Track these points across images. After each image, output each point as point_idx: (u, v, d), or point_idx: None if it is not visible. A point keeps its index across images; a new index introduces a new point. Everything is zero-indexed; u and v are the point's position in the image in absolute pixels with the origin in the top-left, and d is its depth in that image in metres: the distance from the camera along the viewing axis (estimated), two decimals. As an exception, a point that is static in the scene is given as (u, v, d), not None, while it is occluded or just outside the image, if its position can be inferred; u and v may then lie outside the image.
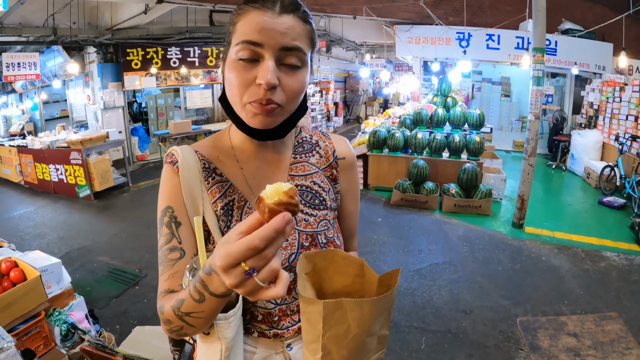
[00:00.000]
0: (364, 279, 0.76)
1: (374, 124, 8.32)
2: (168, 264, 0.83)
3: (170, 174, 0.88)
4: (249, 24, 0.75)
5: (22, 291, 2.26)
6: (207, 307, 0.68)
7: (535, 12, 4.72)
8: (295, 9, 0.78)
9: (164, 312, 0.76)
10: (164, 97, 10.66)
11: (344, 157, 1.03)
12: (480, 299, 3.62)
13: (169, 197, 0.87)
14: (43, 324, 2.35)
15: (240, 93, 0.77)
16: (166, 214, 0.86)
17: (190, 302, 0.68)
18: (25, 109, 12.27)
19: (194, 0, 6.56)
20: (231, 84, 0.78)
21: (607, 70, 8.77)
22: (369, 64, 12.34)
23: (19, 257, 2.54)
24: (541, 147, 9.27)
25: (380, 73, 13.34)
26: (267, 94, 0.74)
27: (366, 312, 0.67)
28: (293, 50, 0.76)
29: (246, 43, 0.74)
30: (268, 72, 0.73)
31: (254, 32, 0.74)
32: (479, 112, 6.69)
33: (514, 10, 8.63)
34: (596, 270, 4.16)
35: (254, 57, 0.75)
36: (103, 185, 6.95)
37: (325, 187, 0.97)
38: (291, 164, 0.96)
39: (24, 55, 7.53)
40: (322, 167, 0.99)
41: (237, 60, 0.76)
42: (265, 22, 0.74)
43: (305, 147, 1.00)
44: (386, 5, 8.38)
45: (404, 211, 5.87)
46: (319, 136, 1.04)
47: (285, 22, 0.75)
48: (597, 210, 6.03)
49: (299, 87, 0.79)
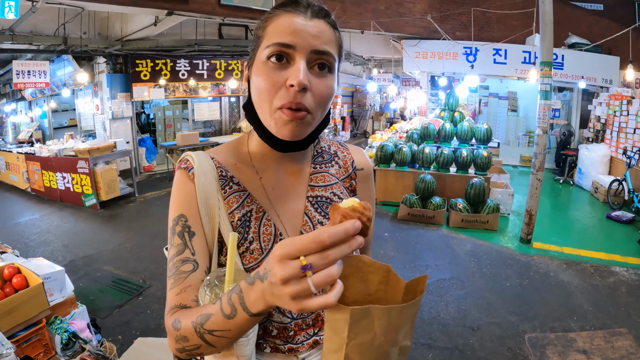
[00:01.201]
0: (388, 286, 0.73)
1: (381, 138, 8.31)
2: (180, 277, 0.78)
3: (184, 180, 0.84)
4: (280, 26, 0.75)
5: (24, 298, 2.23)
6: (236, 326, 0.63)
7: (543, 26, 4.72)
8: (326, 15, 0.78)
9: (181, 329, 0.70)
10: (172, 109, 10.75)
11: (362, 168, 1.01)
12: (487, 315, 3.55)
13: (183, 205, 0.82)
14: (44, 332, 2.32)
15: (269, 96, 0.74)
16: (179, 222, 0.81)
17: (218, 318, 0.63)
18: (34, 116, 12.45)
19: (204, 14, 6.64)
20: (259, 88, 0.76)
21: (614, 83, 8.75)
22: (377, 79, 12.39)
23: (22, 263, 2.52)
24: (549, 162, 9.21)
25: (388, 88, 13.39)
26: (297, 96, 0.72)
27: (394, 319, 0.63)
28: (324, 54, 0.75)
29: (278, 45, 0.73)
30: (300, 73, 0.71)
31: (286, 34, 0.73)
32: (486, 127, 6.67)
33: (520, 25, 8.66)
34: (605, 285, 4.08)
35: (285, 59, 0.74)
36: (109, 195, 6.97)
37: (344, 198, 0.94)
38: (311, 174, 0.94)
39: (34, 64, 7.63)
40: (341, 177, 0.97)
41: (267, 62, 0.75)
42: (297, 24, 0.74)
43: (325, 157, 0.98)
44: (394, 20, 8.45)
45: (411, 226, 5.82)
46: (337, 146, 1.02)
47: (317, 26, 0.75)
48: (605, 225, 5.96)
49: (328, 92, 0.77)
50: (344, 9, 8.02)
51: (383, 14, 8.33)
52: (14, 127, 13.55)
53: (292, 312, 0.85)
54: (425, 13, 8.58)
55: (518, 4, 8.48)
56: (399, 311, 0.63)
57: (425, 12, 8.60)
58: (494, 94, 13.44)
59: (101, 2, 5.61)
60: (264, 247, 0.84)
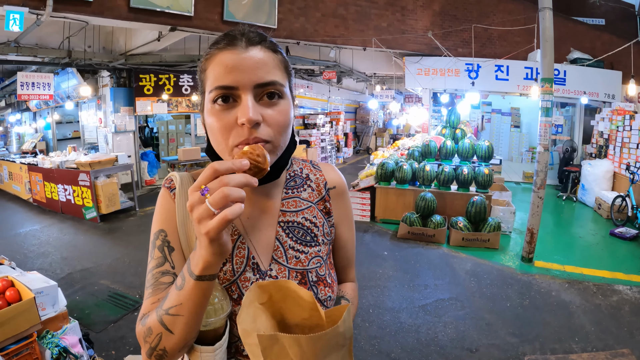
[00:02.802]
0: (319, 312, 0.72)
1: (383, 155, 8.32)
2: (158, 288, 0.80)
3: (166, 198, 0.88)
4: (218, 67, 0.74)
5: (16, 312, 2.23)
6: (186, 297, 0.66)
7: (543, 42, 4.73)
8: (261, 40, 0.77)
9: (147, 322, 0.73)
10: (175, 123, 10.83)
11: (334, 187, 1.01)
12: (487, 337, 3.49)
13: (163, 221, 0.85)
14: (34, 346, 2.30)
15: (224, 137, 0.74)
16: (159, 237, 0.84)
17: (172, 295, 0.68)
18: (39, 127, 12.57)
19: (207, 29, 6.72)
20: (213, 131, 0.76)
21: (616, 98, 8.77)
22: (379, 95, 12.46)
23: (16, 276, 2.51)
24: (551, 178, 9.18)
25: (390, 104, 13.48)
26: (252, 132, 0.72)
27: (306, 349, 0.62)
28: (269, 84, 0.75)
29: (220, 89, 0.73)
30: (249, 110, 0.71)
31: (225, 75, 0.73)
32: (487, 144, 6.65)
33: (522, 41, 8.72)
34: (608, 304, 4.01)
35: (232, 99, 0.74)
36: (110, 208, 6.97)
37: (318, 222, 0.94)
38: (282, 199, 0.94)
39: (38, 76, 7.73)
40: (315, 200, 0.97)
41: (214, 105, 0.74)
42: (234, 60, 0.73)
43: (297, 182, 0.98)
44: (396, 37, 8.52)
45: (410, 245, 5.77)
46: (309, 169, 1.01)
47: (255, 56, 0.74)
48: (608, 242, 5.89)
49: (284, 119, 0.77)
50: (347, 26, 8.12)
51: (385, 31, 8.41)
52: (18, 137, 13.69)
53: None
54: (427, 30, 8.66)
55: (519, 20, 8.56)
56: (309, 340, 0.62)
57: (427, 29, 8.68)
58: (496, 110, 13.47)
59: (105, 17, 5.68)
60: (236, 269, 0.85)
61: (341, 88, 14.94)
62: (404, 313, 3.86)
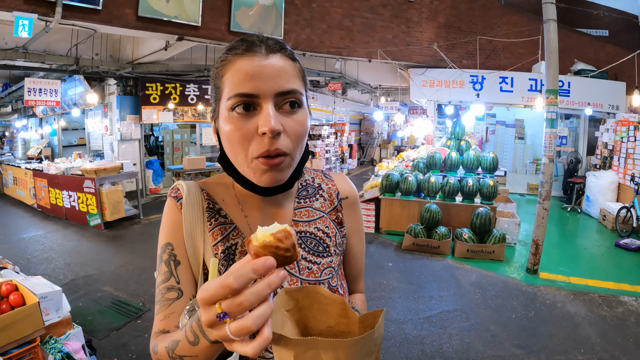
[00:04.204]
0: (347, 319, 0.70)
1: (388, 166, 8.31)
2: (164, 304, 0.79)
3: (173, 209, 0.86)
4: (238, 74, 0.71)
5: (19, 316, 2.22)
6: (202, 352, 0.61)
7: (548, 53, 4.74)
8: (282, 48, 0.76)
9: (157, 353, 0.71)
10: (180, 133, 10.88)
11: (346, 197, 1.00)
12: (492, 349, 3.44)
13: (170, 234, 0.84)
14: (37, 351, 2.29)
15: (243, 148, 0.73)
16: (165, 250, 0.83)
17: (184, 344, 0.63)
18: (44, 133, 12.65)
19: (214, 40, 6.78)
20: (231, 140, 0.74)
21: (620, 109, 8.77)
22: (384, 107, 12.50)
23: (21, 281, 2.51)
24: (556, 190, 9.14)
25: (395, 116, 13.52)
26: (272, 142, 0.70)
27: (341, 355, 0.59)
28: (290, 93, 0.73)
29: (240, 96, 0.71)
30: (271, 119, 0.69)
31: (246, 82, 0.70)
32: (492, 156, 6.64)
33: (526, 53, 8.76)
34: (613, 316, 3.97)
35: (252, 107, 0.72)
36: (114, 216, 6.98)
37: (330, 232, 0.93)
38: (295, 208, 0.92)
39: (46, 82, 7.81)
40: (327, 210, 0.95)
41: (233, 112, 0.72)
42: (255, 67, 0.71)
43: (309, 191, 0.97)
44: (401, 49, 8.57)
45: (415, 256, 5.74)
46: (321, 178, 1.01)
47: (276, 64, 0.73)
48: (613, 253, 5.86)
49: (302, 129, 0.75)
50: (352, 38, 8.18)
51: (390, 43, 8.46)
52: (24, 142, 13.78)
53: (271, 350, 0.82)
54: (432, 42, 8.71)
55: (524, 32, 8.59)
56: (346, 345, 0.59)
57: (432, 41, 8.74)
58: (501, 121, 13.48)
59: (114, 25, 5.75)
60: None
61: (346, 99, 14.99)
62: (409, 324, 3.83)
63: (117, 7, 5.73)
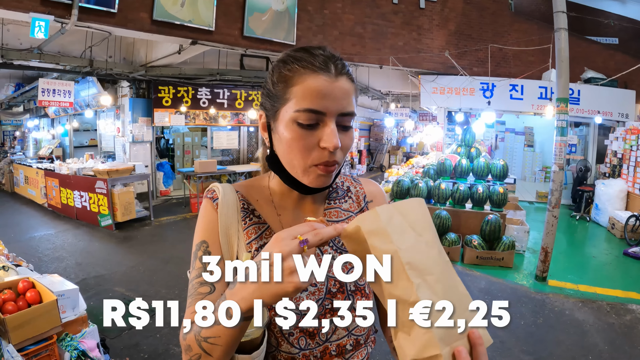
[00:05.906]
0: None
1: (397, 173, 8.31)
2: (197, 297, 0.82)
3: (209, 209, 0.90)
4: (309, 90, 0.78)
5: (37, 313, 2.25)
6: (225, 332, 0.66)
7: (559, 62, 4.74)
8: (347, 70, 0.82)
9: (187, 338, 0.74)
10: (191, 136, 10.96)
11: (371, 200, 1.04)
12: (500, 355, 3.44)
13: (205, 232, 0.88)
14: (54, 348, 2.32)
15: (303, 156, 0.80)
16: (201, 247, 0.86)
17: (210, 323, 0.67)
18: (56, 134, 12.75)
19: (227, 44, 6.85)
20: (291, 147, 0.80)
21: (630, 117, 8.72)
22: (394, 113, 12.48)
23: (37, 278, 2.55)
24: (565, 198, 9.08)
25: (405, 122, 13.51)
26: (332, 155, 0.79)
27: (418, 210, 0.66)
28: (350, 114, 0.81)
29: (310, 112, 0.77)
30: (334, 137, 0.77)
31: (316, 100, 0.77)
32: (502, 163, 6.62)
33: (537, 61, 8.73)
34: (621, 324, 3.97)
35: (316, 122, 0.78)
36: (125, 217, 7.05)
37: None
38: (325, 209, 0.98)
39: (59, 83, 7.90)
40: (355, 211, 1.00)
41: (298, 125, 0.78)
42: (325, 88, 0.78)
43: (339, 193, 1.02)
44: (412, 56, 8.59)
45: (424, 262, 5.72)
46: (350, 182, 1.06)
47: (342, 87, 0.80)
48: (622, 262, 5.84)
49: (351, 144, 0.84)
50: (364, 45, 8.21)
51: (401, 50, 8.49)
52: (36, 142, 13.91)
53: (299, 343, 0.86)
54: (443, 49, 8.72)
55: (534, 40, 8.59)
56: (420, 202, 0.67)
57: (443, 48, 8.75)
58: (510, 129, 13.41)
59: (128, 29, 5.83)
60: None
61: (356, 105, 15.01)
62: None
63: (133, 11, 5.81)
